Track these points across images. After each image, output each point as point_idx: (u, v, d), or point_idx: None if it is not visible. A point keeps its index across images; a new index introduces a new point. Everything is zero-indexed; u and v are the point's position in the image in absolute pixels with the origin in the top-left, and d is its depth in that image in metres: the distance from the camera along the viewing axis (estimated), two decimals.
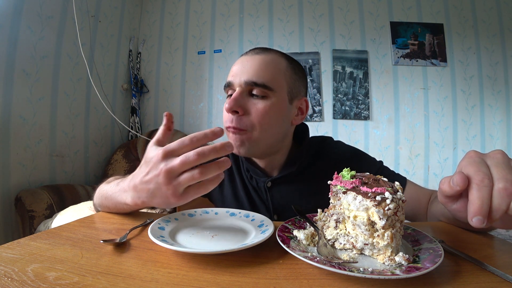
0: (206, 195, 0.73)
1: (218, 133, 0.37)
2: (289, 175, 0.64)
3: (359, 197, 0.35)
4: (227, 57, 2.73)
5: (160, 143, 0.40)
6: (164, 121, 0.42)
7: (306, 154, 0.66)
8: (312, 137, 0.71)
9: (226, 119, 0.59)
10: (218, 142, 0.37)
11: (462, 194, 0.33)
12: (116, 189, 0.48)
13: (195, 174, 0.35)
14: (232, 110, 0.56)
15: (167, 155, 0.36)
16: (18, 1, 1.67)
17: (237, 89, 0.57)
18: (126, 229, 0.43)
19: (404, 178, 0.65)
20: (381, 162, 0.70)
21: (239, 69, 0.59)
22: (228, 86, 0.60)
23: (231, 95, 0.60)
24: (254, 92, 0.57)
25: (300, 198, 0.64)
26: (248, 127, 0.57)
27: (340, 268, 0.29)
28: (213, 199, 0.73)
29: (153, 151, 0.38)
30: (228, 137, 0.59)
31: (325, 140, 0.72)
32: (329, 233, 0.39)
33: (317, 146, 0.70)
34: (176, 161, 0.35)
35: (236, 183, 0.69)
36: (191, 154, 0.35)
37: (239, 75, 0.58)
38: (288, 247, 0.34)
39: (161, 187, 0.36)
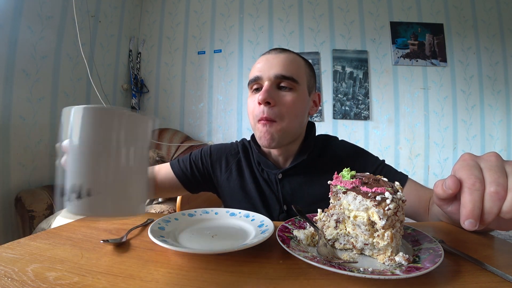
0: (214, 188, 0.77)
1: None
2: (298, 167, 0.67)
3: (359, 197, 0.35)
4: (227, 57, 2.73)
5: None
6: None
7: (315, 144, 0.70)
8: (318, 135, 0.75)
9: (257, 112, 0.62)
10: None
11: (457, 197, 0.34)
12: None
13: None
14: (265, 102, 0.60)
15: None
16: (18, 1, 1.67)
17: (266, 83, 0.62)
18: (126, 229, 0.43)
19: (406, 176, 0.66)
20: (383, 160, 0.71)
21: (266, 65, 0.64)
22: (255, 80, 0.64)
23: (256, 89, 0.65)
24: (283, 84, 0.62)
25: (308, 189, 0.68)
26: (278, 117, 0.61)
27: (340, 268, 0.29)
28: (221, 190, 0.76)
29: None
30: (258, 130, 0.63)
31: (331, 138, 0.77)
32: (329, 233, 0.39)
33: (323, 141, 0.74)
34: None
35: (245, 176, 0.72)
36: None
37: (267, 70, 0.63)
38: (288, 247, 0.34)
39: None
